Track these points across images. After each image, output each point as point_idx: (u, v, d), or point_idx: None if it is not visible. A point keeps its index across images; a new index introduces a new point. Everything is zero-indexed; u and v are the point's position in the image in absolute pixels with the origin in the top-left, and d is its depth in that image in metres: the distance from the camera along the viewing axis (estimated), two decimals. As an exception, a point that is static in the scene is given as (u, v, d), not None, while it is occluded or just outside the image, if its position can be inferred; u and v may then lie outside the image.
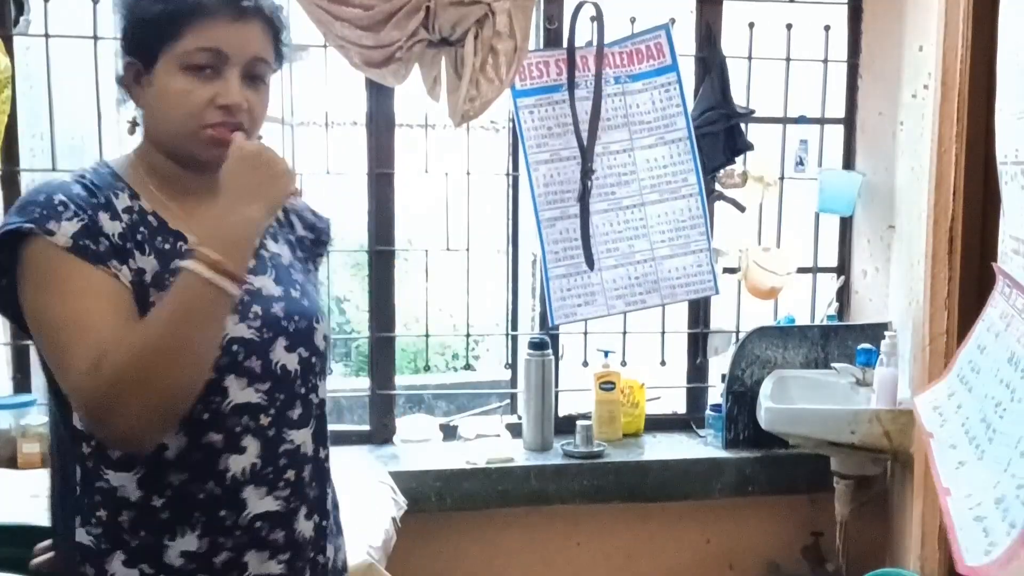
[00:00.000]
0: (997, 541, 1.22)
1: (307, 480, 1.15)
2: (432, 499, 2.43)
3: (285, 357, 1.13)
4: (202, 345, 1.00)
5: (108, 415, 0.96)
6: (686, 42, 2.67)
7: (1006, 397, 1.44)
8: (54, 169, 2.53)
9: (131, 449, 1.03)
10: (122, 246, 1.05)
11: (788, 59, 2.74)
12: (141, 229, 1.09)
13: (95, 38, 2.48)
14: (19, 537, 1.30)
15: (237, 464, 1.08)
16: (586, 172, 2.47)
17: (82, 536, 1.07)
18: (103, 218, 1.06)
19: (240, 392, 1.08)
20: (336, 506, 1.25)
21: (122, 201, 1.10)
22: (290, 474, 1.12)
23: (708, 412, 2.74)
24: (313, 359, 1.17)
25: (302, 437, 1.14)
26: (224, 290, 0.99)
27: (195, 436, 1.06)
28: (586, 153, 2.46)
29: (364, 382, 2.89)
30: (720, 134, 2.59)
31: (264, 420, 1.10)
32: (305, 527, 1.15)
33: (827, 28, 2.75)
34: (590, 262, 2.51)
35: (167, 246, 1.10)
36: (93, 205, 1.06)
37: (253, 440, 1.09)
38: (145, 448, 1.03)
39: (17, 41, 2.40)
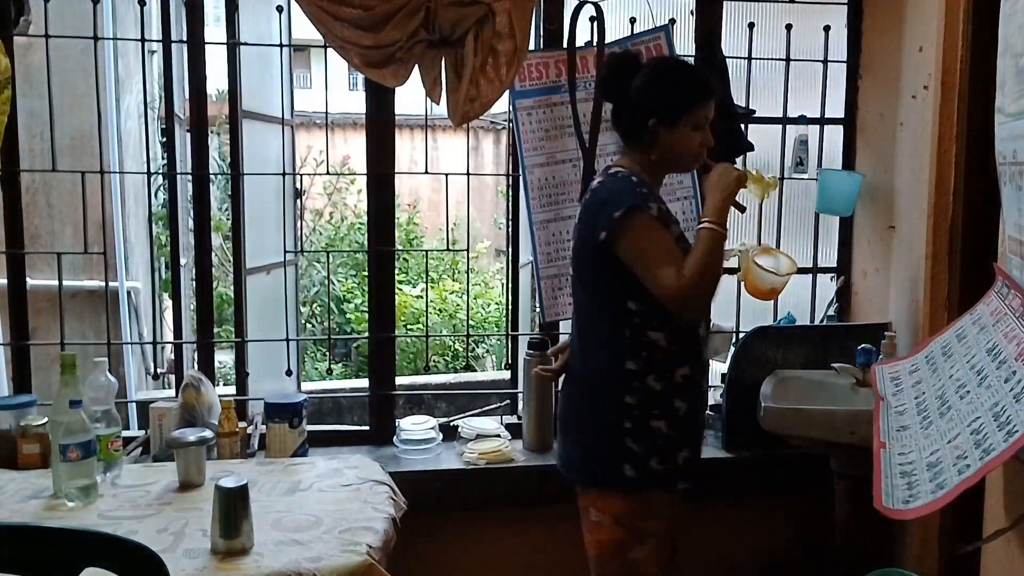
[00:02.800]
0: (919, 495, 1.34)
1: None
2: (432, 499, 2.43)
3: None
4: (719, 263, 1.87)
5: (695, 299, 1.83)
6: (686, 43, 2.67)
7: (974, 382, 1.48)
8: (54, 169, 2.53)
9: (699, 315, 1.96)
10: (665, 219, 1.91)
11: (788, 59, 2.75)
12: (663, 209, 1.92)
13: (95, 38, 2.48)
14: (19, 537, 1.30)
15: (701, 332, 1.98)
16: (589, 173, 2.47)
17: (630, 365, 1.90)
18: (652, 204, 1.89)
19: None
20: None
21: (655, 197, 1.94)
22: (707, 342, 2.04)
23: (708, 412, 2.74)
24: None
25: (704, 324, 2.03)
26: (725, 235, 1.87)
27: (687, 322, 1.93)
28: (589, 154, 2.46)
29: (364, 382, 2.89)
30: (720, 134, 2.58)
31: (701, 327, 2.00)
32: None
33: (827, 28, 2.75)
34: None
35: (669, 218, 1.94)
36: (647, 197, 1.90)
37: (703, 322, 2.00)
38: (703, 313, 2.00)
39: (17, 41, 2.41)
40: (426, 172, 2.73)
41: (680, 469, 1.95)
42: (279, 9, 2.53)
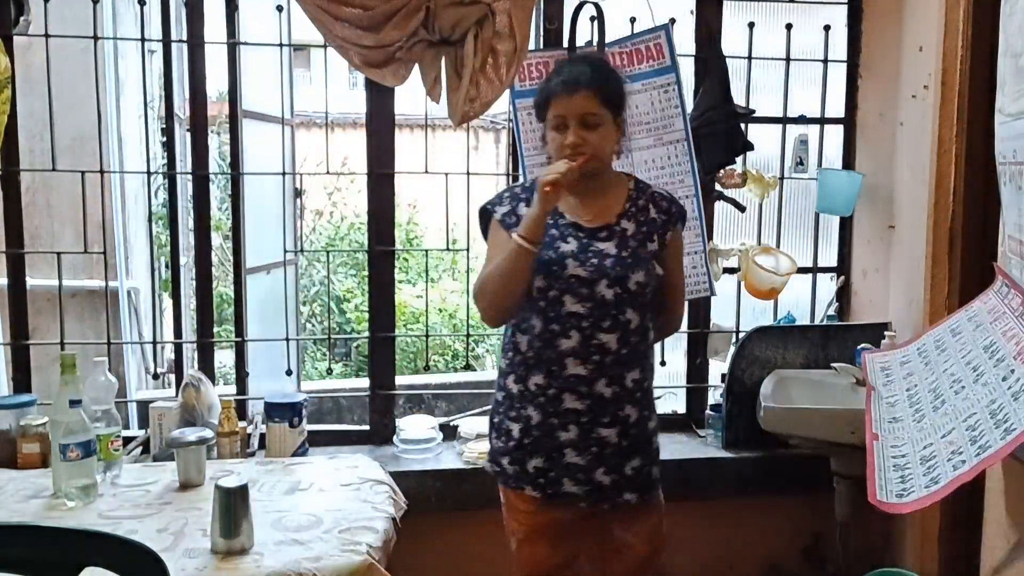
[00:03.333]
0: (912, 489, 1.33)
1: (608, 364, 1.86)
2: (432, 499, 2.43)
3: (605, 290, 1.84)
4: (508, 278, 1.82)
5: (478, 306, 1.88)
6: (686, 42, 2.66)
7: (969, 379, 1.48)
8: (54, 169, 2.53)
9: (491, 321, 1.92)
10: (507, 223, 1.90)
11: (788, 59, 2.75)
12: (548, 219, 1.84)
13: (95, 38, 2.48)
14: (19, 537, 1.30)
15: (564, 344, 1.85)
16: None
17: (501, 363, 1.97)
18: (520, 208, 1.91)
19: (572, 305, 1.84)
20: (644, 387, 1.97)
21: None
22: (596, 357, 1.85)
23: (708, 412, 2.74)
24: (624, 295, 1.85)
25: (608, 339, 1.85)
26: (522, 246, 1.79)
27: (545, 324, 1.86)
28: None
29: (364, 382, 2.89)
30: (720, 134, 2.59)
31: (584, 324, 1.84)
32: (604, 390, 1.86)
33: (827, 28, 2.75)
34: None
35: (551, 220, 1.87)
36: (518, 199, 1.94)
37: (576, 333, 1.84)
38: (499, 322, 1.92)
39: (17, 41, 2.40)
40: (426, 172, 2.73)
41: (529, 476, 1.90)
42: (279, 9, 2.53)
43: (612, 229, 1.90)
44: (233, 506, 1.72)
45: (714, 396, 2.79)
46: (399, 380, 2.84)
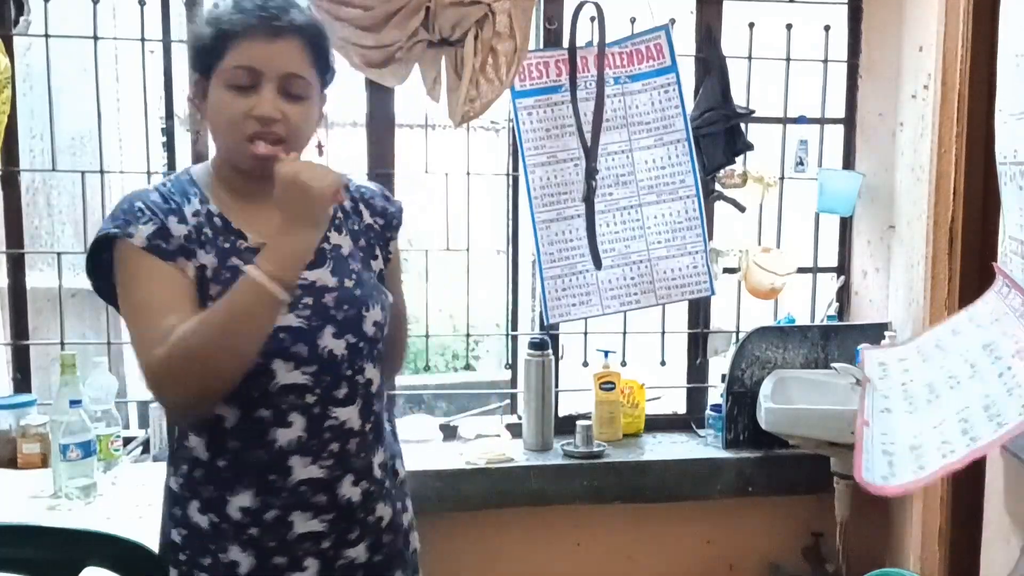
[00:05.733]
0: (899, 474, 1.31)
1: (353, 451, 1.29)
2: (432, 499, 2.43)
3: (332, 343, 1.26)
4: (250, 339, 1.16)
5: (164, 387, 1.16)
6: (686, 42, 2.66)
7: (966, 375, 1.49)
8: (54, 169, 2.53)
9: (180, 415, 1.25)
10: (187, 246, 1.22)
11: (788, 59, 2.74)
12: (206, 230, 1.25)
13: (95, 38, 2.48)
14: (19, 537, 1.30)
15: (284, 436, 1.24)
16: (591, 172, 2.47)
17: (172, 483, 1.30)
18: (172, 221, 1.23)
19: (287, 374, 1.24)
20: (394, 471, 1.41)
21: (192, 205, 1.26)
22: (334, 446, 1.27)
23: (708, 412, 2.74)
24: (361, 344, 1.30)
25: (348, 414, 1.28)
26: (276, 296, 1.14)
27: (247, 410, 1.23)
28: (590, 153, 2.46)
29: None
30: (720, 134, 2.59)
31: (310, 399, 1.25)
32: (351, 492, 1.29)
33: (827, 28, 2.75)
34: (597, 262, 2.51)
35: (227, 244, 1.26)
36: (165, 210, 1.23)
37: (299, 416, 1.24)
38: (197, 415, 1.23)
39: (17, 41, 2.40)
40: (426, 172, 2.73)
41: None
42: (279, 9, 2.53)
43: (320, 250, 1.28)
44: (233, 506, 1.72)
45: (714, 396, 2.79)
46: (399, 380, 2.84)
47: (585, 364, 2.77)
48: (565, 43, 2.49)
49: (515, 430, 2.67)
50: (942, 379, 1.56)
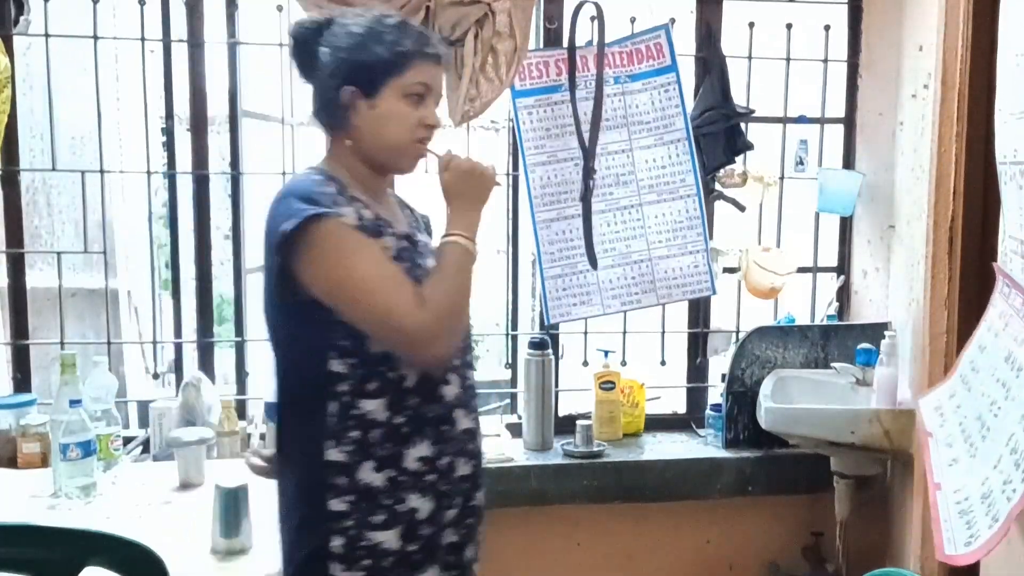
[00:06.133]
0: (979, 533, 1.27)
1: (477, 401, 1.55)
2: (432, 499, 2.43)
3: None
4: (469, 292, 1.42)
5: (435, 344, 1.35)
6: (686, 42, 2.66)
7: (1001, 396, 1.46)
8: (54, 169, 2.53)
9: (437, 364, 1.40)
10: (373, 229, 1.41)
11: (788, 59, 2.74)
12: (366, 214, 1.42)
13: (95, 38, 2.48)
14: (19, 537, 1.30)
15: (450, 392, 1.45)
16: (588, 172, 2.47)
17: (333, 456, 1.37)
18: (356, 207, 1.40)
19: None
20: None
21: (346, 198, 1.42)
22: (475, 402, 1.52)
23: (708, 412, 2.74)
24: None
25: (471, 373, 1.53)
26: (475, 256, 1.43)
27: (420, 371, 1.41)
28: (588, 153, 2.46)
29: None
30: (720, 134, 2.59)
31: (456, 361, 1.47)
32: (481, 443, 1.55)
33: (827, 28, 2.75)
34: (593, 262, 2.51)
35: (390, 229, 1.45)
36: (343, 200, 1.40)
37: (455, 376, 1.46)
38: (444, 363, 1.41)
39: (17, 41, 2.40)
40: (426, 172, 2.72)
41: None
42: (279, 9, 2.53)
43: (425, 245, 1.55)
44: (233, 506, 1.72)
45: (714, 396, 2.79)
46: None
47: (585, 364, 2.77)
48: (565, 43, 2.49)
49: (515, 430, 2.67)
50: (986, 407, 1.52)
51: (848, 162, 2.82)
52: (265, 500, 1.98)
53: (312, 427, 1.38)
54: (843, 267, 2.88)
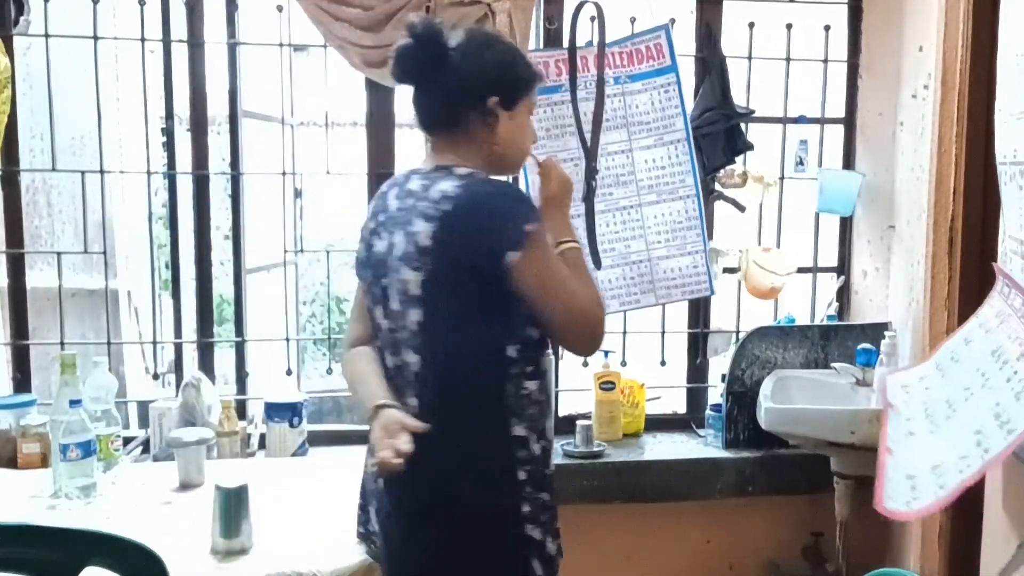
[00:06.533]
0: (922, 497, 1.32)
1: None
2: (432, 499, 2.43)
3: None
4: None
5: (601, 332, 1.55)
6: (686, 42, 2.66)
7: (977, 384, 1.49)
8: (54, 169, 2.53)
9: (596, 349, 1.62)
10: None
11: (788, 59, 2.74)
12: None
13: (95, 38, 2.48)
14: (19, 537, 1.30)
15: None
16: (591, 172, 2.47)
17: (518, 430, 1.52)
18: None
19: None
20: None
21: None
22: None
23: (708, 412, 2.74)
24: None
25: None
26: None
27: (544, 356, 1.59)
28: (590, 153, 2.46)
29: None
30: (720, 134, 2.59)
31: None
32: None
33: (827, 28, 2.75)
34: (597, 262, 2.51)
35: None
36: None
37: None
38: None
39: (17, 41, 2.40)
40: (426, 172, 2.72)
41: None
42: (279, 9, 2.53)
43: None
44: (233, 506, 1.72)
45: (714, 396, 2.79)
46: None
47: (585, 364, 2.77)
48: (565, 43, 2.49)
49: (515, 430, 2.66)
50: (958, 392, 1.55)
51: (848, 162, 2.82)
52: (265, 500, 1.98)
53: (498, 407, 1.51)
54: (843, 267, 2.88)
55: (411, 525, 1.55)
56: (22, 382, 2.52)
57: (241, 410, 2.60)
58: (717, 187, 2.67)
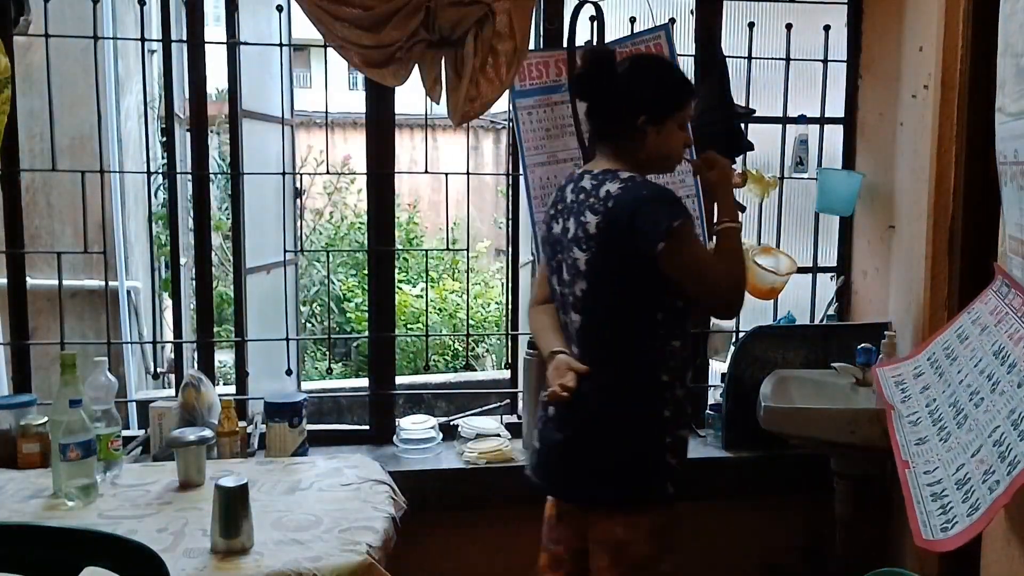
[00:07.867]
0: (956, 520, 1.29)
1: None
2: (432, 499, 2.43)
3: None
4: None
5: (736, 300, 1.84)
6: (686, 42, 2.67)
7: (986, 388, 1.47)
8: (54, 169, 2.53)
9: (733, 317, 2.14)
10: None
11: (788, 59, 2.74)
12: None
13: (95, 38, 2.48)
14: (19, 537, 1.30)
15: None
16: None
17: (664, 376, 1.84)
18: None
19: None
20: None
21: None
22: None
23: (708, 412, 2.74)
24: None
25: None
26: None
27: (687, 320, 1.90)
28: (589, 153, 2.46)
29: (364, 382, 2.89)
30: (720, 134, 2.58)
31: None
32: None
33: (827, 28, 2.75)
34: None
35: None
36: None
37: None
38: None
39: (17, 41, 2.40)
40: (426, 172, 2.73)
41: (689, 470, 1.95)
42: (279, 9, 2.53)
43: None
44: (233, 506, 1.72)
45: (714, 396, 2.79)
46: (399, 380, 2.84)
47: (585, 364, 2.77)
48: (565, 43, 2.49)
49: (515, 430, 2.67)
50: (964, 396, 1.54)
51: (848, 162, 2.82)
52: (265, 500, 1.98)
53: (651, 359, 1.84)
54: (843, 267, 2.88)
55: (567, 443, 1.88)
56: (22, 382, 2.52)
57: (241, 410, 2.60)
58: (717, 187, 2.66)
